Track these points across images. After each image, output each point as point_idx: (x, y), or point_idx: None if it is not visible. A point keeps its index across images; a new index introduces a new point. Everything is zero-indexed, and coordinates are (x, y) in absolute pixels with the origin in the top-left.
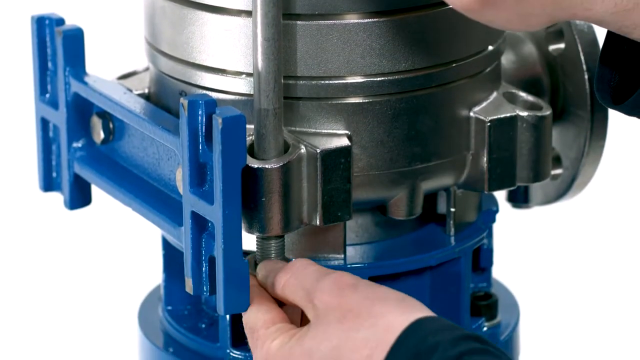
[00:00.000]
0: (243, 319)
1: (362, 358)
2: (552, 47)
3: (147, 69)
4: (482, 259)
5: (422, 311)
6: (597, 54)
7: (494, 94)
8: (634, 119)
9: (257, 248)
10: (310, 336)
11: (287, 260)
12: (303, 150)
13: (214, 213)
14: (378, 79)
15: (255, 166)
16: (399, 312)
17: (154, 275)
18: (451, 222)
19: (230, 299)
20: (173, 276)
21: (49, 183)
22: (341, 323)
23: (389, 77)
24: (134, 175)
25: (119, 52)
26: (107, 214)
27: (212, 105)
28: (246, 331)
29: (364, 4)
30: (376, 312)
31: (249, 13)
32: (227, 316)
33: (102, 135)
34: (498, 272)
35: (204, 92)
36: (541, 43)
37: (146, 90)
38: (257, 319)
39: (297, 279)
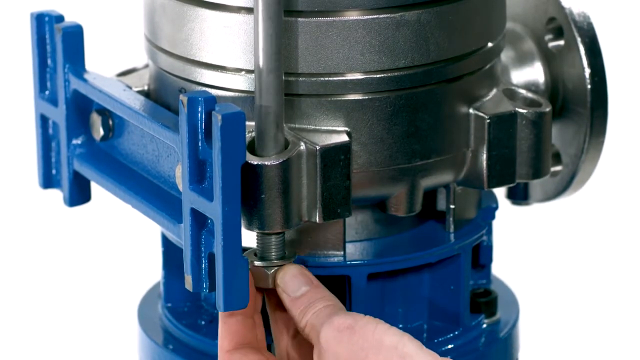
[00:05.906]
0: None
1: None
2: (551, 44)
3: (146, 66)
4: (481, 255)
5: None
6: (597, 51)
7: (494, 91)
8: (633, 117)
9: (256, 245)
10: None
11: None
12: (303, 147)
13: (213, 210)
14: (377, 75)
15: (255, 163)
16: None
17: (154, 272)
18: (451, 219)
19: (229, 296)
20: (172, 273)
21: (48, 180)
22: None
23: (389, 74)
24: (134, 172)
25: (119, 49)
26: (106, 211)
27: (211, 102)
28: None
29: (363, 1)
30: None
31: (248, 10)
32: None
33: (101, 132)
34: (497, 269)
35: (204, 89)
36: (540, 40)
37: (146, 87)
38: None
39: (310, 315)
